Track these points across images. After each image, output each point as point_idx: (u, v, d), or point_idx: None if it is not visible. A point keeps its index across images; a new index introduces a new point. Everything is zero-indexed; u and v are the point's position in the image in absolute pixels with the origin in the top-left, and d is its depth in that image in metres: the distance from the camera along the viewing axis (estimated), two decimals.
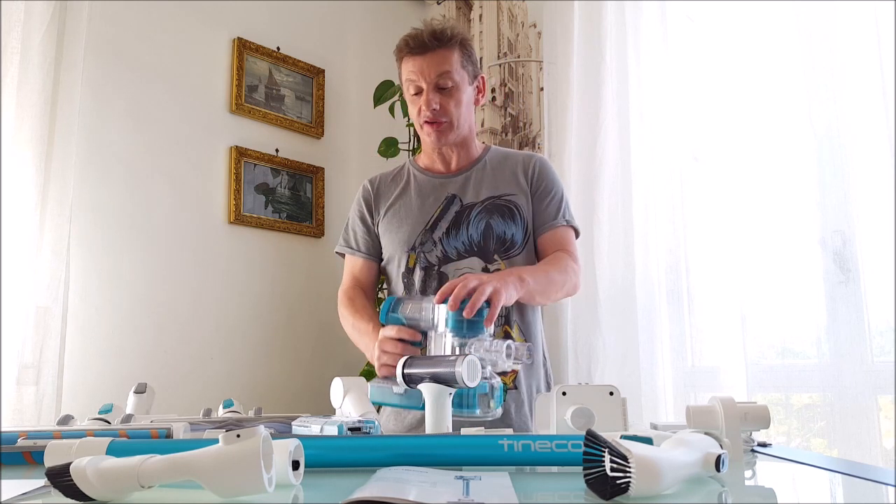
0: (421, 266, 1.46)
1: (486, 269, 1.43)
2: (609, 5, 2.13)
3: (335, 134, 2.69)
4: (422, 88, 1.44)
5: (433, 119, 1.44)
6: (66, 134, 1.84)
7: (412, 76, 1.44)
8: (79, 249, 1.92)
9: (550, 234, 1.49)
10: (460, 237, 1.46)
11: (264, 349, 2.37)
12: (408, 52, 1.44)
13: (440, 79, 1.42)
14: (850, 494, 0.70)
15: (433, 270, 1.45)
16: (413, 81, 1.44)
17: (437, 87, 1.43)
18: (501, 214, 1.47)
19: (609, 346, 2.00)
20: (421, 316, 1.11)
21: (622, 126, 2.06)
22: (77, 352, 1.89)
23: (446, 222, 1.47)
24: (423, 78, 1.43)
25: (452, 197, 1.49)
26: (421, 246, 1.47)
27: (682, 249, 1.93)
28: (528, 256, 1.48)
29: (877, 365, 1.51)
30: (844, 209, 1.58)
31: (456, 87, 1.44)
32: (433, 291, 1.41)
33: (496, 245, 1.45)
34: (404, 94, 1.51)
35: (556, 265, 1.43)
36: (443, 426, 0.90)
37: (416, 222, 1.48)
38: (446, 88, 1.43)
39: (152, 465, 0.55)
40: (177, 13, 2.27)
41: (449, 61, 1.43)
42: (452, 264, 1.44)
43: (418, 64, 1.43)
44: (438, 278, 1.44)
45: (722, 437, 0.69)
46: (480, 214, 1.47)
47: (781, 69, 1.76)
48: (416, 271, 1.46)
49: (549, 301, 1.47)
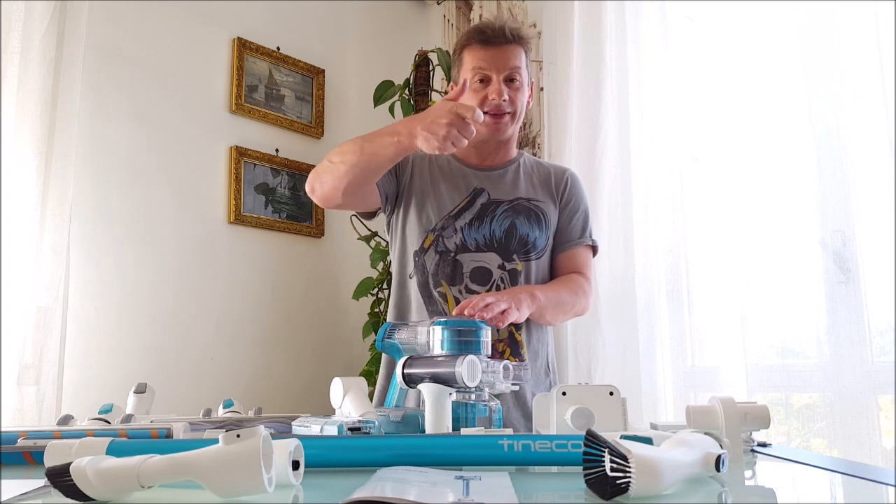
0: (437, 250, 1.44)
1: (503, 268, 1.43)
2: (609, 5, 2.13)
3: (335, 134, 2.69)
4: (490, 78, 1.43)
5: (499, 110, 1.43)
6: (66, 134, 1.84)
7: (482, 64, 1.43)
8: (79, 249, 1.92)
9: (571, 253, 1.50)
10: (482, 230, 1.45)
11: (264, 349, 2.36)
12: (481, 40, 1.44)
13: (512, 72, 1.43)
14: (850, 494, 0.70)
15: (449, 257, 1.44)
16: (482, 70, 1.43)
17: (507, 78, 1.43)
18: (528, 217, 1.47)
19: (609, 346, 2.00)
20: (416, 340, 1.11)
21: (622, 126, 2.06)
22: (77, 352, 1.89)
23: (471, 213, 1.47)
24: (495, 68, 1.42)
25: (480, 190, 1.49)
26: (442, 230, 1.46)
27: (682, 249, 1.93)
28: (545, 264, 1.48)
29: (877, 365, 1.51)
30: (844, 209, 1.58)
31: (522, 84, 1.46)
32: (445, 277, 1.42)
33: (517, 245, 1.45)
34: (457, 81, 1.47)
35: (569, 287, 1.44)
36: (443, 426, 0.90)
37: (442, 206, 1.47)
38: (514, 81, 1.44)
39: (152, 465, 0.55)
40: (177, 13, 2.27)
41: (520, 58, 1.45)
42: (469, 255, 1.44)
43: (492, 53, 1.43)
44: (453, 265, 1.43)
45: (722, 437, 0.69)
46: (507, 212, 1.47)
47: (781, 69, 1.76)
48: (430, 253, 1.45)
49: (556, 322, 1.49)
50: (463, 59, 1.47)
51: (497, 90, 1.41)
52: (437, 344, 1.02)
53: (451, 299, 1.42)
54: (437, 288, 1.43)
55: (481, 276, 1.43)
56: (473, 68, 1.44)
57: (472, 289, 1.42)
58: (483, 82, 1.43)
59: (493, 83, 1.42)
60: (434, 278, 1.43)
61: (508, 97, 1.43)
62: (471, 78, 1.44)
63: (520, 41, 1.45)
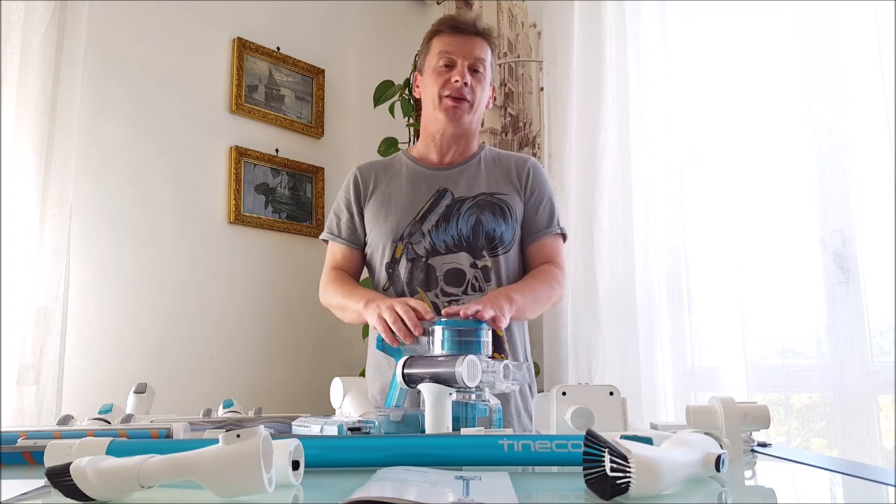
0: (408, 257, 1.44)
1: (475, 266, 1.43)
2: (609, 5, 2.13)
3: (335, 134, 2.69)
4: (455, 62, 1.45)
5: (459, 94, 1.44)
6: (66, 134, 1.84)
7: (449, 48, 1.45)
8: (79, 249, 1.92)
9: (540, 244, 1.50)
10: (450, 230, 1.45)
11: (264, 349, 2.36)
12: (452, 27, 1.47)
13: (476, 62, 1.46)
14: (850, 494, 0.70)
15: (420, 262, 1.44)
16: (448, 54, 1.45)
17: (471, 67, 1.45)
18: (493, 211, 1.46)
19: (609, 346, 2.00)
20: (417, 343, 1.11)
21: (622, 126, 2.06)
22: (77, 352, 1.89)
23: (436, 215, 1.46)
24: (461, 54, 1.45)
25: (444, 190, 1.48)
26: (409, 237, 1.45)
27: (682, 249, 1.92)
28: (514, 256, 1.48)
29: (877, 365, 1.51)
30: (844, 209, 1.58)
31: (483, 77, 1.48)
32: (420, 284, 1.42)
33: (484, 241, 1.44)
34: (424, 69, 1.51)
35: (542, 280, 1.44)
36: (443, 426, 0.90)
37: (406, 212, 1.47)
38: (478, 72, 1.46)
39: (152, 465, 0.55)
40: (177, 13, 2.27)
41: (486, 53, 1.48)
42: (440, 258, 1.43)
43: (459, 40, 1.46)
44: (426, 270, 1.43)
45: (722, 437, 0.69)
46: (471, 210, 1.46)
47: (781, 69, 1.76)
48: (402, 262, 1.45)
49: (535, 316, 1.50)
50: (431, 45, 1.49)
51: (460, 72, 1.44)
52: (437, 344, 1.02)
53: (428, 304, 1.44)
54: (413, 296, 1.43)
55: (455, 277, 1.43)
56: (440, 52, 1.46)
57: (448, 291, 1.42)
58: (448, 67, 1.45)
59: (457, 67, 1.44)
60: (409, 286, 1.43)
61: (470, 85, 1.44)
62: (436, 62, 1.46)
63: (488, 38, 1.49)
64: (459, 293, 1.42)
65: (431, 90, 1.47)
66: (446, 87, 1.44)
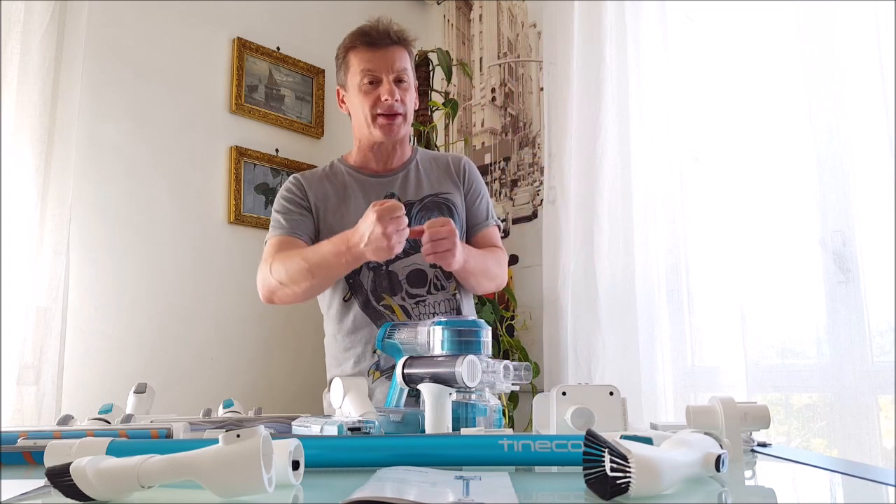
0: (369, 267, 1.44)
1: (434, 265, 1.44)
2: (609, 5, 2.13)
3: (335, 134, 2.69)
4: (379, 79, 1.44)
5: (392, 111, 1.45)
6: (66, 134, 1.84)
7: (370, 65, 1.45)
8: (79, 249, 1.92)
9: (483, 234, 1.56)
10: None
11: (264, 349, 2.36)
12: (367, 42, 1.46)
13: (400, 73, 1.46)
14: (850, 494, 0.70)
15: (382, 270, 1.46)
16: (371, 72, 1.45)
17: (396, 79, 1.45)
18: (441, 211, 1.51)
19: (609, 346, 2.00)
20: (416, 340, 1.10)
21: (622, 126, 2.06)
22: (77, 352, 1.89)
23: None
24: (384, 69, 1.44)
25: (391, 196, 1.51)
26: None
27: (682, 249, 1.93)
28: None
29: (877, 365, 1.51)
30: (844, 209, 1.58)
31: (409, 85, 1.49)
32: (386, 291, 1.44)
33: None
34: (347, 86, 1.50)
35: (494, 258, 1.50)
36: (443, 426, 0.90)
37: None
38: (403, 82, 1.47)
39: (152, 465, 0.55)
40: (177, 13, 2.27)
41: (406, 60, 1.49)
42: (400, 262, 1.46)
43: (379, 55, 1.45)
44: (388, 277, 1.45)
45: (722, 437, 0.69)
46: (421, 212, 1.50)
47: (781, 69, 1.76)
48: (362, 272, 1.45)
49: (479, 289, 1.52)
50: (349, 61, 1.49)
51: (389, 90, 1.43)
52: (437, 344, 1.02)
53: (396, 309, 1.45)
54: (380, 302, 1.44)
55: (417, 278, 1.46)
56: (363, 70, 1.45)
57: (413, 293, 1.45)
58: (373, 84, 1.45)
59: (383, 84, 1.44)
60: (374, 294, 1.45)
61: (400, 97, 1.45)
62: (360, 80, 1.46)
63: (404, 43, 1.49)
64: (424, 293, 1.45)
65: (362, 108, 1.47)
66: (378, 106, 1.45)
